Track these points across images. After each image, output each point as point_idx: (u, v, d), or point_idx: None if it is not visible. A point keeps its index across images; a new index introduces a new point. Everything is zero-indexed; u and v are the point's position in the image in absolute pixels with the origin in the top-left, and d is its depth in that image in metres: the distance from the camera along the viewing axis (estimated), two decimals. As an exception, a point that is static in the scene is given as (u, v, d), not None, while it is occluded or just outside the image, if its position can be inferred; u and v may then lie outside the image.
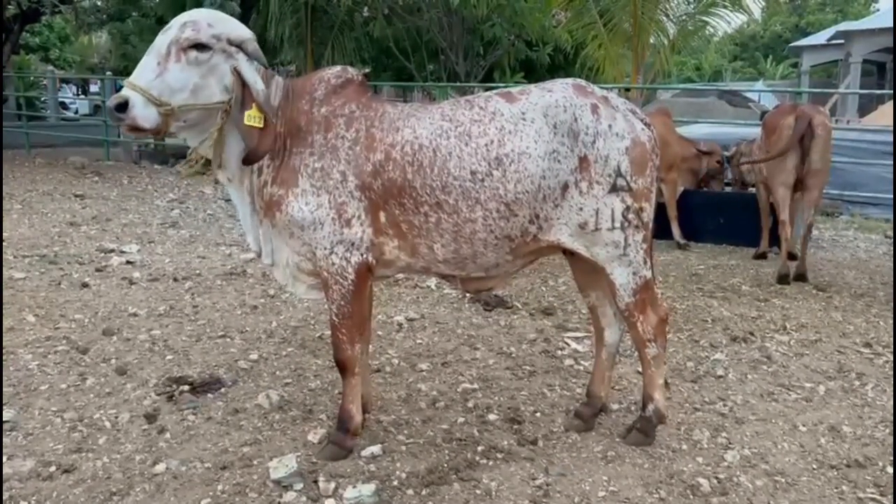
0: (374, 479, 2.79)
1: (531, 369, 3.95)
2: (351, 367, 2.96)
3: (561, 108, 2.77)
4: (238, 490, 2.72)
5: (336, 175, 2.77)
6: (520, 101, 2.81)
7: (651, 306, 2.97)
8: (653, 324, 2.98)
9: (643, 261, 2.90)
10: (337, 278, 2.83)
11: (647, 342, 3.00)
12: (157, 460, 2.91)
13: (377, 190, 2.77)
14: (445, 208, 2.75)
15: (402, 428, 3.24)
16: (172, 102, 2.60)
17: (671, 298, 5.32)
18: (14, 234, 7.05)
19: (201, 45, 2.63)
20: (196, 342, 4.30)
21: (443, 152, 2.74)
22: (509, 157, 2.72)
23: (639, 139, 2.82)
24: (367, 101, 2.89)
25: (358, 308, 2.90)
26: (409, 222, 2.80)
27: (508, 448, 3.04)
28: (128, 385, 3.65)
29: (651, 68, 13.26)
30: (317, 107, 2.84)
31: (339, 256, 2.80)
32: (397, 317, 4.81)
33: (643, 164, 2.82)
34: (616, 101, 2.88)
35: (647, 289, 2.94)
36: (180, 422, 3.27)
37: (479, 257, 2.86)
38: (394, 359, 4.10)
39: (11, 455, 2.93)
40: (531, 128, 2.75)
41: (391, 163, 2.76)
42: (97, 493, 2.68)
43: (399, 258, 2.89)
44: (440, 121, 2.80)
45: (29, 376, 3.72)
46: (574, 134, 2.74)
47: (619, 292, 2.91)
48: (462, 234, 2.78)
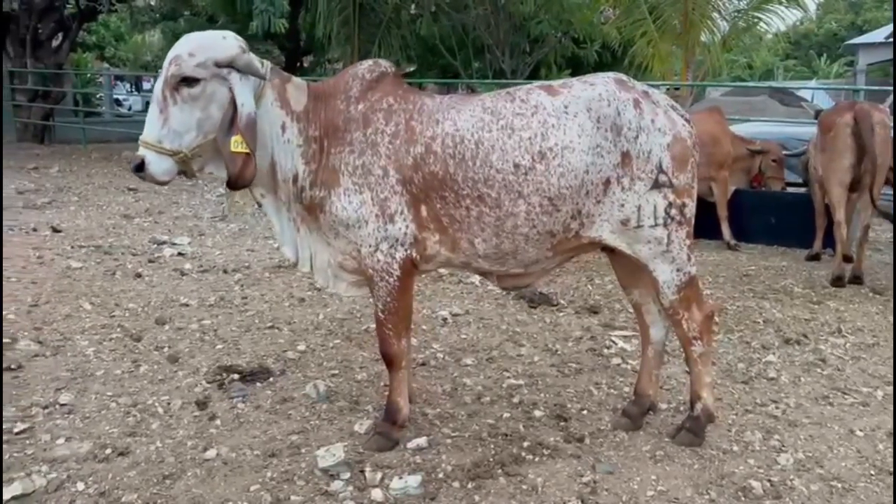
0: (420, 470, 2.79)
1: (577, 367, 3.91)
2: (398, 361, 2.97)
3: (605, 101, 2.74)
4: (286, 477, 2.75)
5: (377, 171, 2.74)
6: (562, 94, 2.78)
7: (696, 303, 2.92)
8: (698, 321, 2.92)
9: (687, 257, 2.85)
10: (382, 275, 2.81)
11: (692, 340, 2.94)
12: (207, 446, 2.97)
13: (418, 183, 2.74)
14: (487, 202, 2.72)
15: (447, 421, 3.24)
16: (183, 148, 2.57)
17: (721, 299, 5.22)
18: (71, 225, 7.27)
19: (189, 80, 2.54)
20: (245, 332, 4.37)
21: (485, 145, 2.71)
22: (553, 150, 2.69)
23: (680, 135, 2.78)
24: (404, 94, 2.85)
25: (403, 303, 2.89)
26: (450, 216, 2.77)
27: (555, 444, 3.02)
28: (179, 372, 3.73)
29: (701, 66, 13.03)
30: (353, 104, 2.80)
31: (383, 253, 2.78)
32: (442, 312, 4.82)
33: (685, 161, 2.78)
34: (657, 96, 2.85)
35: (692, 285, 2.88)
36: (230, 409, 3.33)
37: (520, 253, 2.83)
38: (438, 353, 4.11)
39: (69, 437, 3.02)
40: (574, 122, 2.71)
41: (432, 156, 2.73)
42: (150, 476, 2.74)
43: (440, 253, 2.86)
44: (481, 113, 2.77)
45: (85, 362, 3.83)
46: (617, 129, 2.71)
47: (663, 290, 2.87)
48: (504, 228, 2.75)
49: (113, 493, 2.63)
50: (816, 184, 6.31)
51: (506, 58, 12.27)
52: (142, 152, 2.56)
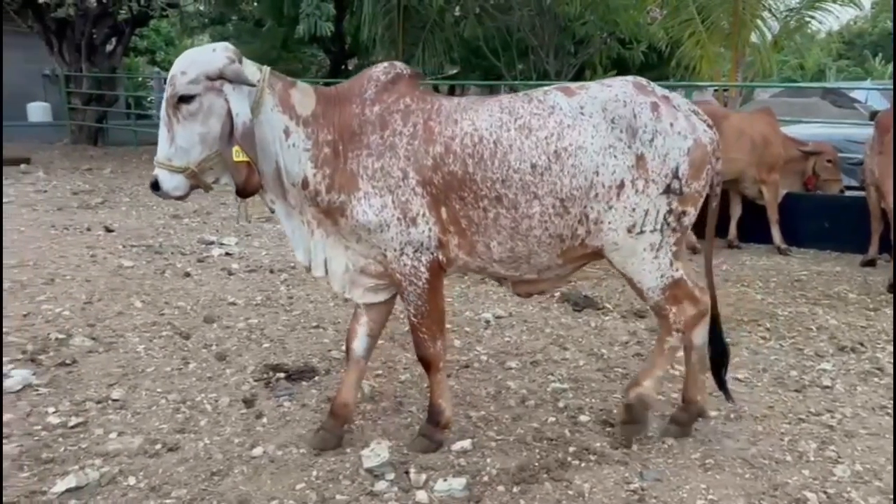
0: (465, 473, 2.78)
1: (624, 372, 3.85)
2: (435, 364, 2.95)
3: (620, 102, 2.71)
4: (331, 477, 2.77)
5: (397, 173, 2.71)
6: (578, 95, 2.77)
7: (687, 299, 2.87)
8: (687, 314, 2.88)
9: (670, 263, 2.79)
10: (411, 279, 2.79)
11: (672, 331, 2.91)
12: (254, 444, 3.01)
13: (437, 184, 2.72)
14: (504, 202, 2.70)
15: (491, 424, 3.22)
16: (190, 164, 2.63)
17: (772, 304, 5.09)
18: (123, 224, 7.45)
19: (185, 97, 2.57)
20: (291, 332, 4.42)
21: (504, 145, 2.69)
22: (567, 150, 2.67)
23: (700, 140, 2.73)
24: (420, 95, 2.83)
25: (435, 306, 2.87)
26: (468, 218, 2.75)
27: (601, 450, 2.98)
28: (227, 370, 3.78)
29: (751, 67, 12.77)
30: (369, 106, 2.77)
31: (409, 257, 2.76)
32: (485, 314, 4.80)
33: (701, 168, 2.73)
34: (678, 100, 2.81)
35: (678, 285, 2.83)
36: (276, 408, 3.37)
37: (533, 257, 2.81)
38: (482, 355, 4.09)
39: (121, 432, 3.09)
40: (589, 122, 2.69)
41: (451, 155, 2.71)
42: (199, 473, 2.78)
43: (458, 257, 2.84)
44: (499, 113, 2.75)
45: (136, 358, 3.91)
46: (632, 130, 2.68)
47: (648, 294, 2.85)
48: (519, 230, 2.74)
49: (163, 487, 2.67)
50: (872, 187, 6.12)
51: (550, 59, 12.19)
52: (156, 171, 2.65)
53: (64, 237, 6.72)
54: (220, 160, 2.66)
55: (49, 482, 2.68)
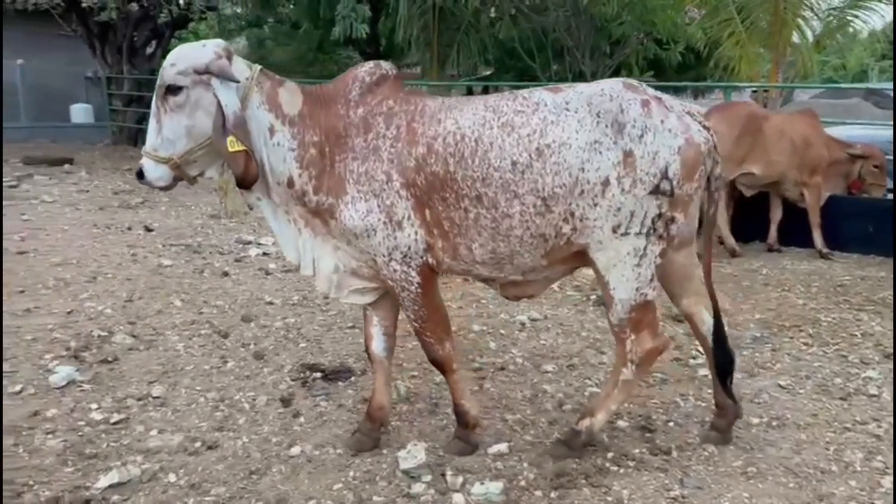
0: (502, 477, 2.76)
1: (662, 377, 3.80)
2: (448, 365, 2.91)
3: (607, 97, 2.64)
4: (368, 477, 2.77)
5: (381, 176, 2.69)
6: (564, 91, 2.72)
7: (649, 330, 2.76)
8: (644, 348, 2.76)
9: (650, 277, 2.68)
10: (402, 285, 2.76)
11: (627, 363, 2.78)
12: (292, 443, 3.02)
13: (421, 185, 2.69)
14: (485, 202, 2.65)
15: (528, 428, 3.20)
16: (174, 155, 2.67)
17: (814, 310, 4.98)
18: (162, 224, 7.57)
19: (173, 88, 2.62)
20: (327, 332, 4.44)
21: (485, 143, 2.64)
22: (550, 147, 2.60)
23: (693, 140, 2.64)
24: (404, 96, 2.80)
25: (433, 308, 2.83)
26: (450, 219, 2.71)
27: (640, 456, 2.93)
28: (265, 369, 3.82)
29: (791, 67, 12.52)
30: (353, 108, 2.75)
31: (398, 262, 2.73)
32: (520, 316, 4.77)
33: (693, 169, 2.64)
34: (671, 101, 2.74)
35: (647, 309, 2.72)
36: (313, 407, 3.39)
37: (516, 257, 2.75)
38: (517, 358, 4.06)
39: (162, 429, 3.13)
40: (573, 117, 2.63)
41: (433, 155, 2.67)
42: (238, 471, 2.81)
43: (443, 260, 2.80)
44: (483, 111, 2.71)
45: (176, 356, 3.97)
46: (619, 125, 2.60)
47: (616, 307, 2.72)
48: (499, 230, 2.68)
49: (203, 485, 2.70)
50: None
51: (586, 60, 12.10)
52: (142, 161, 2.71)
53: (105, 236, 6.86)
54: (205, 153, 2.71)
55: (92, 477, 2.73)
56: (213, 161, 2.77)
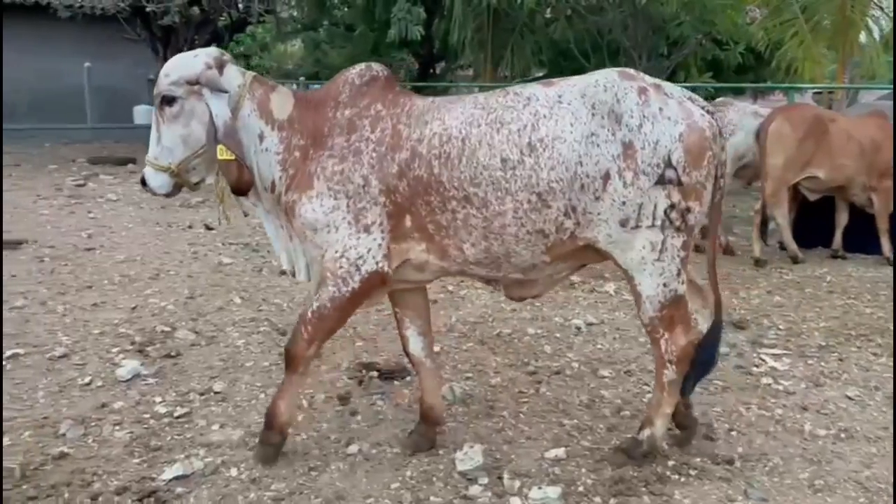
0: (560, 482, 2.74)
1: (723, 385, 3.70)
2: (297, 365, 2.81)
3: (601, 87, 2.56)
4: (425, 478, 2.78)
5: (357, 179, 2.64)
6: (558, 85, 2.64)
7: (682, 325, 2.69)
8: (679, 345, 2.70)
9: (677, 271, 2.60)
10: (337, 281, 2.67)
11: (667, 363, 2.72)
12: (349, 441, 3.05)
13: (403, 192, 2.63)
14: (474, 202, 2.58)
15: (585, 433, 3.16)
16: (173, 163, 2.73)
17: (883, 319, 4.80)
18: (222, 223, 7.72)
19: (168, 99, 2.68)
20: (382, 331, 4.47)
21: (472, 141, 2.58)
22: (543, 142, 2.52)
23: (696, 125, 2.54)
24: (394, 98, 2.75)
25: (339, 317, 2.76)
26: (435, 223, 2.65)
27: (701, 465, 2.87)
28: (322, 367, 3.86)
29: (856, 68, 12.11)
30: (341, 110, 2.73)
31: (349, 262, 2.66)
32: (575, 320, 4.72)
33: (700, 155, 2.53)
34: (670, 88, 2.64)
35: (678, 305, 2.65)
36: (370, 406, 3.41)
37: (513, 256, 2.66)
38: (573, 362, 4.02)
39: (223, 423, 3.20)
40: (567, 110, 2.55)
41: (417, 159, 2.62)
42: (297, 467, 2.84)
43: (429, 262, 2.74)
44: (472, 109, 2.65)
45: (236, 353, 4.05)
46: (616, 116, 2.51)
47: (644, 305, 2.65)
48: (491, 229, 2.60)
49: (263, 480, 2.75)
50: None
51: (643, 61, 11.90)
52: (145, 169, 2.79)
53: (167, 234, 7.05)
54: (202, 161, 2.76)
55: (157, 469, 2.80)
56: (211, 168, 2.80)
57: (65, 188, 9.48)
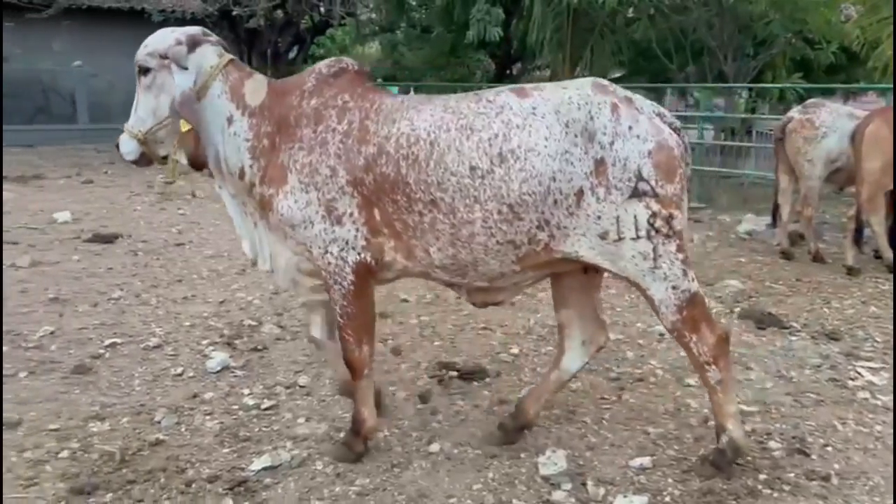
0: (645, 491, 2.68)
1: (817, 398, 3.55)
2: (360, 370, 2.83)
3: (574, 105, 2.52)
4: (507, 480, 2.77)
5: (325, 170, 2.65)
6: (532, 96, 2.59)
7: (706, 324, 2.63)
8: (710, 344, 2.63)
9: (682, 272, 2.56)
10: (336, 278, 2.71)
11: (705, 365, 2.66)
12: (431, 440, 3.07)
13: (369, 185, 2.63)
14: (441, 207, 2.55)
15: (671, 443, 3.09)
16: (142, 131, 2.84)
17: None
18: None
19: (143, 69, 2.79)
20: (460, 332, 4.48)
21: (441, 146, 2.55)
22: (515, 153, 2.49)
23: (665, 143, 2.52)
24: (362, 92, 2.74)
25: (361, 308, 2.77)
26: (402, 221, 2.63)
27: (795, 481, 2.76)
28: (402, 365, 3.90)
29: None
30: (307, 99, 2.74)
31: (334, 256, 2.69)
32: (658, 327, 4.59)
33: (671, 170, 2.51)
34: (641, 102, 2.61)
35: (696, 304, 2.60)
36: (450, 406, 3.42)
37: (481, 265, 2.64)
38: (657, 370, 3.93)
39: (308, 417, 3.27)
40: (541, 123, 2.51)
41: (384, 156, 2.61)
42: (380, 463, 2.88)
43: (396, 260, 2.73)
44: (442, 113, 2.61)
45: (319, 348, 4.12)
46: (589, 134, 2.49)
47: (661, 310, 2.61)
48: (459, 237, 2.57)
49: (347, 475, 2.79)
50: None
51: (728, 61, 11.54)
52: (121, 135, 2.91)
53: (251, 231, 7.25)
54: (168, 134, 2.85)
55: (246, 459, 2.88)
56: (182, 144, 2.88)
57: (156, 185, 9.91)
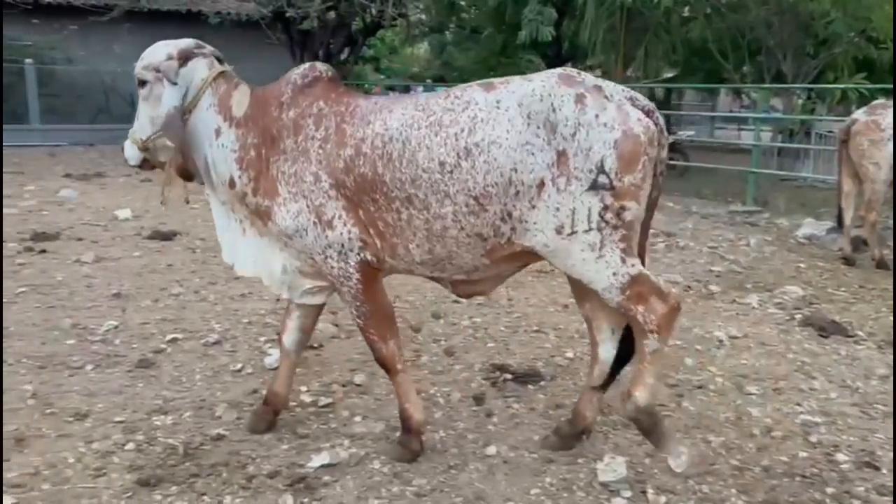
0: (707, 501, 2.63)
1: (885, 410, 3.43)
2: (393, 366, 2.88)
3: (537, 97, 2.52)
4: (565, 485, 2.74)
5: (308, 177, 2.73)
6: (497, 90, 2.61)
7: (654, 295, 2.58)
8: (658, 312, 2.58)
9: (621, 260, 2.53)
10: (342, 280, 2.78)
11: (647, 333, 2.61)
12: (487, 442, 3.06)
13: (350, 187, 2.69)
14: (416, 203, 2.62)
15: (733, 452, 3.02)
16: (142, 138, 2.92)
17: None
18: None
19: (140, 82, 2.88)
20: (513, 334, 4.46)
21: (412, 143, 2.60)
22: (479, 146, 2.53)
23: (631, 130, 2.47)
24: (336, 97, 2.81)
25: (377, 305, 2.83)
26: (384, 220, 2.70)
27: (865, 496, 2.68)
28: (456, 366, 3.90)
29: None
30: (285, 111, 2.81)
31: (334, 259, 2.75)
32: (717, 333, 4.51)
33: (633, 160, 2.47)
34: (612, 90, 2.57)
35: (639, 281, 2.57)
36: (505, 408, 3.41)
37: (455, 258, 2.70)
38: (717, 377, 3.84)
39: (365, 416, 3.30)
40: (504, 116, 2.53)
41: (362, 157, 2.67)
42: (437, 464, 2.88)
43: (384, 259, 2.79)
44: (413, 111, 2.67)
45: (373, 347, 4.15)
46: (551, 126, 2.48)
47: (606, 296, 2.60)
48: (433, 231, 2.63)
49: (404, 475, 2.80)
50: None
51: (787, 60, 11.24)
52: (126, 141, 3.00)
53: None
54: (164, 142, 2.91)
55: (305, 456, 2.91)
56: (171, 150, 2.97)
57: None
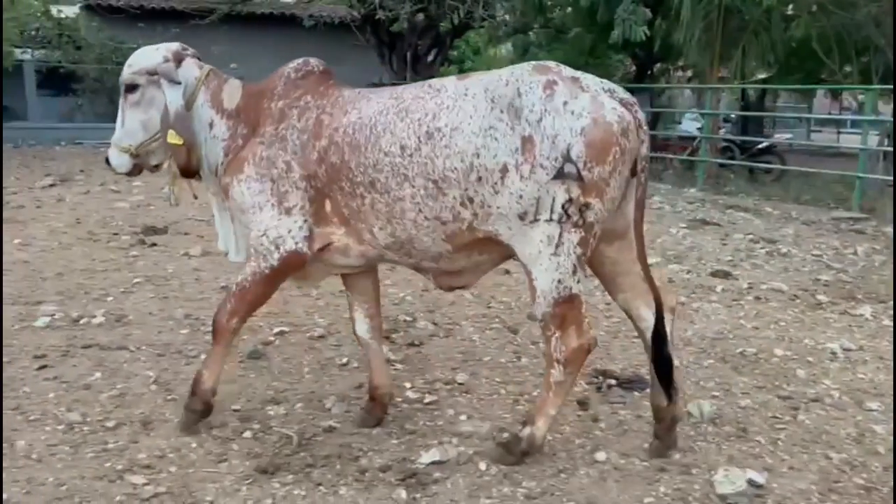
0: (835, 521, 2.51)
1: None
2: (220, 335, 2.94)
3: (503, 82, 2.56)
4: (680, 496, 2.67)
5: (281, 164, 2.81)
6: (470, 78, 2.69)
7: (575, 327, 2.64)
8: (571, 346, 2.65)
9: (572, 270, 2.55)
10: (258, 258, 2.85)
11: (555, 362, 2.67)
12: (595, 448, 3.01)
13: (322, 177, 2.78)
14: (378, 187, 2.69)
15: (857, 470, 2.88)
16: (133, 145, 2.99)
17: None
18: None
19: (130, 87, 2.94)
20: (614, 338, 4.39)
21: (378, 129, 2.68)
22: (441, 131, 2.58)
23: (603, 119, 2.45)
24: (324, 90, 2.89)
25: (259, 291, 2.90)
26: (349, 206, 2.78)
27: None
28: (557, 370, 3.86)
29: None
30: (275, 101, 2.89)
31: (269, 240, 2.81)
32: (829, 344, 4.32)
33: (604, 150, 2.45)
34: (589, 81, 2.57)
35: (572, 305, 2.60)
36: (611, 414, 3.35)
37: (416, 242, 2.74)
38: (832, 390, 3.68)
39: (470, 415, 3.30)
40: (469, 103, 2.58)
41: (333, 146, 2.76)
42: (545, 468, 2.85)
43: (350, 246, 2.86)
44: (387, 100, 2.75)
45: (473, 347, 4.18)
46: (515, 111, 2.50)
47: (538, 300, 2.61)
48: (393, 213, 2.70)
49: (513, 476, 2.78)
50: None
51: None
52: (109, 150, 3.05)
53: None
54: (160, 145, 2.99)
55: (415, 452, 2.94)
56: (167, 152, 3.02)
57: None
